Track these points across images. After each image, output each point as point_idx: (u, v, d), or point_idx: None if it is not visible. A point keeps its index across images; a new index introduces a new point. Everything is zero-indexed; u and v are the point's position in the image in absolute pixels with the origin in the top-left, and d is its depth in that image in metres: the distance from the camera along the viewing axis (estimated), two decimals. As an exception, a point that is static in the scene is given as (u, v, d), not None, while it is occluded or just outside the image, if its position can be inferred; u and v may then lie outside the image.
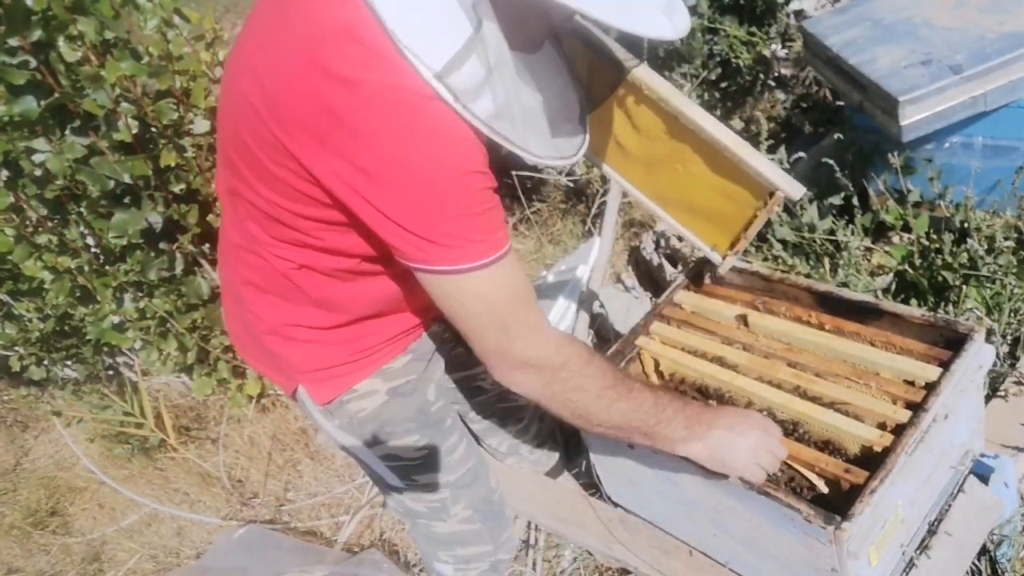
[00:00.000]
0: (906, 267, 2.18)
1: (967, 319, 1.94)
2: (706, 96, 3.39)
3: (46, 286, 2.41)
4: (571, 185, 3.21)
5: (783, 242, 2.37)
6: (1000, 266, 2.00)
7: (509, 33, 1.02)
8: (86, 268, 2.37)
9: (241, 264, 1.32)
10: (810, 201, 2.38)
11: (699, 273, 1.76)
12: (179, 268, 2.43)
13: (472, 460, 1.58)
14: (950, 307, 2.01)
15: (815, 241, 2.30)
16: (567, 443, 2.06)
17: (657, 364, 1.68)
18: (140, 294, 2.46)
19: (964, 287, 2.02)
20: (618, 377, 1.25)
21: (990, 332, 1.90)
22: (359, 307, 1.32)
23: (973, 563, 1.57)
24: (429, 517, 1.57)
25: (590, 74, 1.43)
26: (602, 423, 1.25)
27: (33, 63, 2.05)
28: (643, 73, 1.46)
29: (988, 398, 1.81)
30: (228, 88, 1.15)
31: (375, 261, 1.24)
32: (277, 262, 1.24)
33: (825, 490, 1.35)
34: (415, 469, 1.50)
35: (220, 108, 1.20)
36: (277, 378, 1.45)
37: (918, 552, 1.48)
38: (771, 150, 2.43)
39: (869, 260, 2.30)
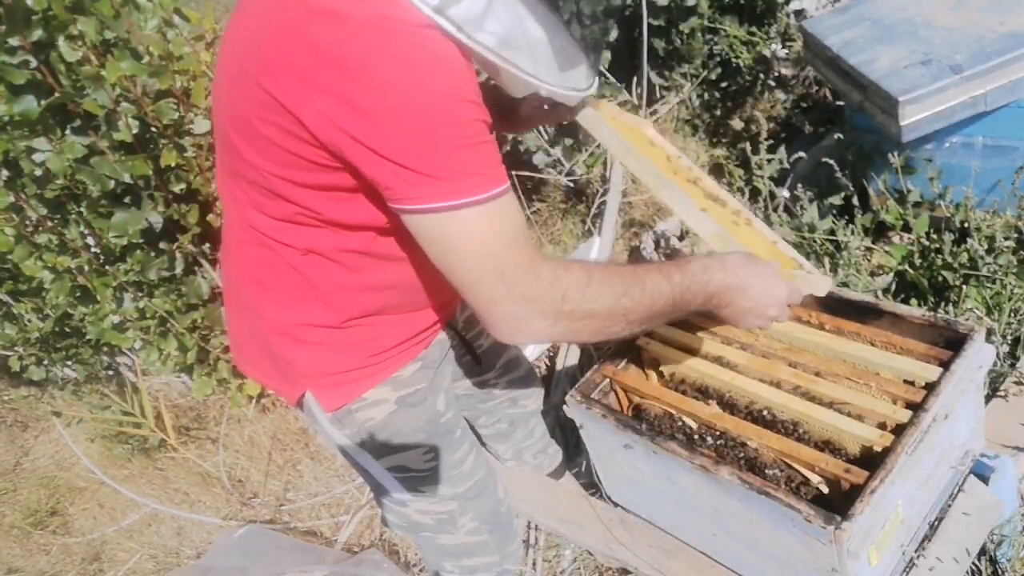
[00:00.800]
0: (906, 267, 2.18)
1: (967, 319, 1.94)
2: (706, 96, 3.40)
3: (46, 286, 2.40)
4: (571, 185, 3.21)
5: (783, 241, 2.36)
6: (1000, 266, 2.00)
7: None
8: (86, 268, 2.37)
9: (245, 259, 1.30)
10: (810, 201, 2.38)
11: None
12: (179, 268, 2.43)
13: (481, 472, 1.55)
14: (950, 307, 2.01)
15: (815, 241, 2.30)
16: (567, 443, 2.06)
17: (657, 364, 1.68)
18: (140, 294, 2.46)
19: (964, 287, 2.02)
20: (624, 278, 1.15)
21: (990, 332, 1.90)
22: (368, 299, 1.29)
23: (973, 563, 1.57)
24: (435, 530, 1.54)
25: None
26: (625, 330, 1.17)
27: (33, 63, 2.05)
28: (587, 120, 1.41)
29: (988, 398, 1.81)
30: (222, 64, 1.12)
31: (381, 234, 1.19)
32: (282, 250, 1.22)
33: (825, 490, 1.35)
34: (423, 481, 1.47)
35: (215, 89, 1.16)
36: (281, 386, 1.40)
37: (918, 552, 1.48)
38: (771, 150, 2.43)
39: (869, 260, 2.30)
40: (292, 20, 0.96)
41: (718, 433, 1.51)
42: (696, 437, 1.55)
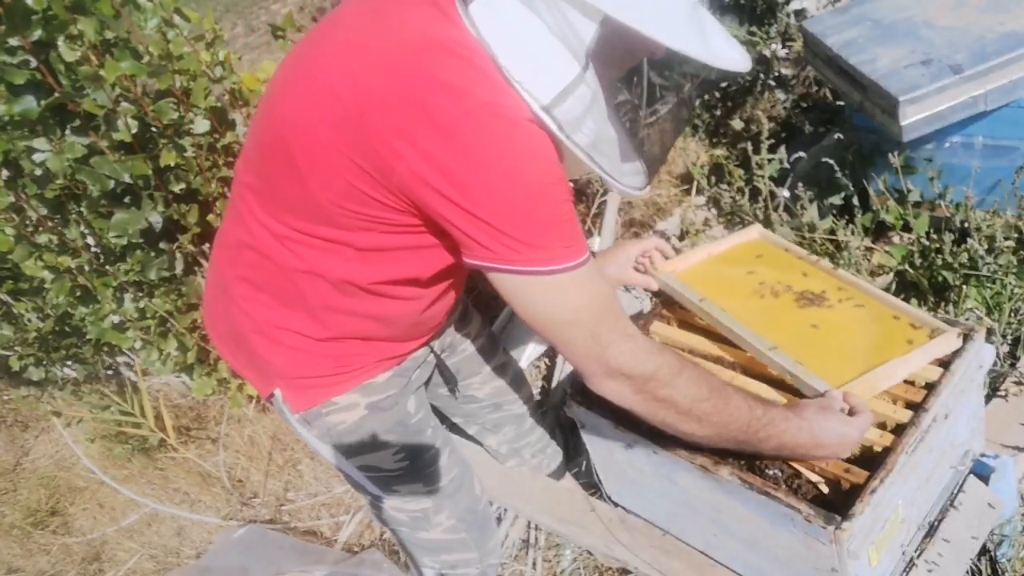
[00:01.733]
0: (906, 267, 2.18)
1: (967, 319, 1.94)
2: (706, 96, 3.39)
3: (46, 286, 2.40)
4: (571, 185, 3.20)
5: (783, 242, 2.37)
6: (1000, 266, 2.00)
7: (601, 69, 1.08)
8: (86, 268, 2.36)
9: (241, 261, 1.31)
10: (810, 201, 2.38)
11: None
12: (179, 268, 2.43)
13: (455, 470, 1.57)
14: (950, 307, 2.01)
15: (815, 241, 2.30)
16: (567, 443, 2.06)
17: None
18: (140, 294, 2.46)
19: (964, 287, 2.02)
20: (713, 388, 1.25)
21: (990, 332, 1.90)
22: (357, 324, 1.32)
23: (973, 563, 1.57)
24: (411, 527, 1.56)
25: None
26: (695, 432, 1.26)
27: (33, 63, 2.04)
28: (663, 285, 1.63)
29: (988, 398, 1.81)
30: (306, 78, 1.15)
31: (397, 281, 1.26)
32: (286, 262, 1.24)
33: (825, 490, 1.35)
34: (395, 480, 1.50)
35: (282, 96, 1.19)
36: (251, 377, 1.44)
37: (918, 552, 1.48)
38: (771, 150, 2.43)
39: (869, 260, 2.30)
40: (412, 81, 1.02)
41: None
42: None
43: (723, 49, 1.09)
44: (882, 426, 1.38)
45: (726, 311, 1.53)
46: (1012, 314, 1.99)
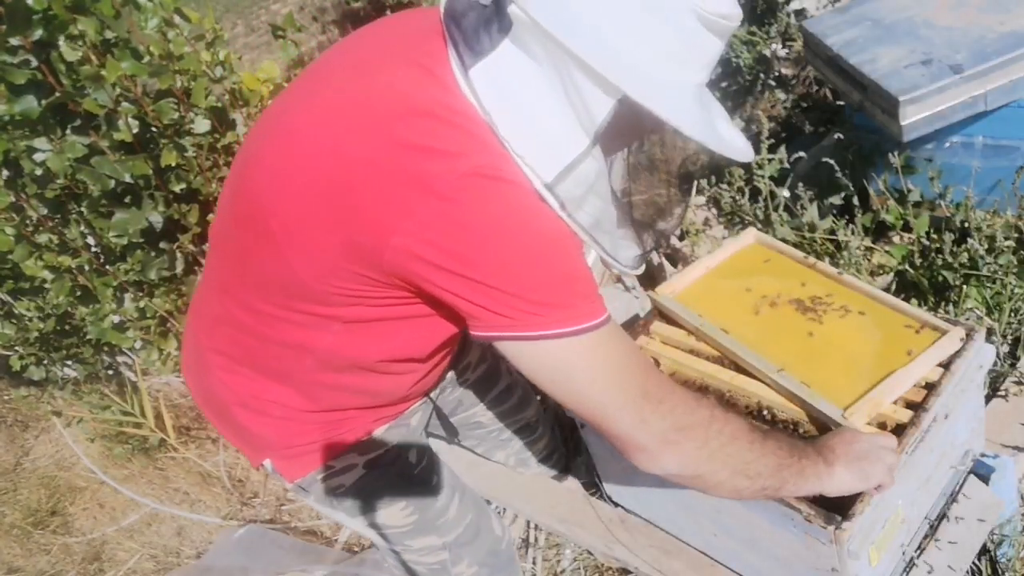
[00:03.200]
0: (906, 267, 2.18)
1: (967, 319, 1.94)
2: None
3: (46, 285, 2.40)
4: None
5: (783, 241, 2.37)
6: (1000, 266, 2.00)
7: (606, 145, 1.02)
8: (86, 267, 2.36)
9: (217, 334, 1.23)
10: (810, 201, 2.38)
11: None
12: (179, 268, 2.43)
13: (469, 515, 1.49)
14: (950, 307, 2.01)
15: (815, 241, 2.30)
16: (567, 443, 2.06)
17: (657, 364, 1.68)
18: (140, 294, 2.46)
19: (964, 287, 2.02)
20: (755, 437, 1.14)
21: (990, 332, 1.90)
22: (346, 397, 1.25)
23: (973, 563, 1.57)
24: None
25: None
26: (760, 472, 1.12)
27: (34, 62, 2.04)
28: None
29: (988, 398, 1.81)
30: (286, 142, 1.06)
31: (384, 360, 1.18)
32: (270, 336, 1.16)
33: None
34: (407, 536, 1.42)
35: (257, 159, 1.10)
36: (240, 445, 1.35)
37: (918, 552, 1.48)
38: (772, 149, 2.43)
39: (869, 260, 2.30)
40: (398, 149, 0.94)
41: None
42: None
43: (730, 136, 1.03)
44: (882, 426, 1.38)
45: (729, 332, 1.53)
46: (1012, 314, 1.99)
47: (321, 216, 0.99)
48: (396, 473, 1.38)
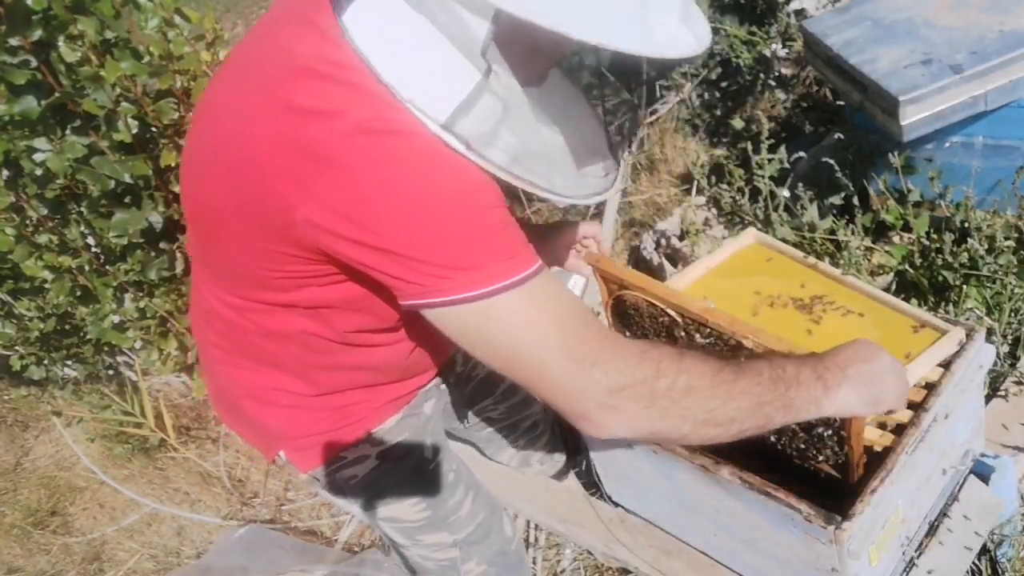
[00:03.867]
0: (906, 267, 2.18)
1: (967, 319, 1.94)
2: (706, 96, 3.39)
3: (46, 285, 2.40)
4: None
5: (783, 241, 2.37)
6: (1000, 266, 2.00)
7: (517, 71, 0.93)
8: (86, 267, 2.37)
9: (210, 328, 1.22)
10: (810, 201, 2.38)
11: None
12: (179, 268, 2.43)
13: (482, 514, 1.48)
14: (950, 307, 2.01)
15: (815, 241, 2.30)
16: (567, 443, 2.06)
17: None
18: (140, 294, 2.46)
19: (964, 287, 2.02)
20: (718, 359, 1.03)
21: (990, 332, 1.90)
22: (342, 379, 1.23)
23: (973, 563, 1.57)
24: (441, 575, 1.49)
25: None
26: (733, 417, 1.01)
27: (34, 63, 2.04)
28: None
29: (988, 398, 1.81)
30: (202, 131, 1.05)
31: (359, 332, 1.14)
32: (249, 327, 1.15)
33: (836, 474, 1.34)
34: (419, 531, 1.41)
35: (188, 172, 1.09)
36: (256, 442, 1.34)
37: (918, 552, 1.48)
38: (772, 150, 2.43)
39: (869, 260, 2.30)
40: (275, 116, 0.90)
41: (708, 331, 1.36)
42: (683, 334, 1.40)
43: (663, 31, 0.88)
44: (882, 426, 1.38)
45: None
46: (1012, 314, 1.99)
47: (240, 200, 0.96)
48: (410, 468, 1.37)
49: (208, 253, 1.12)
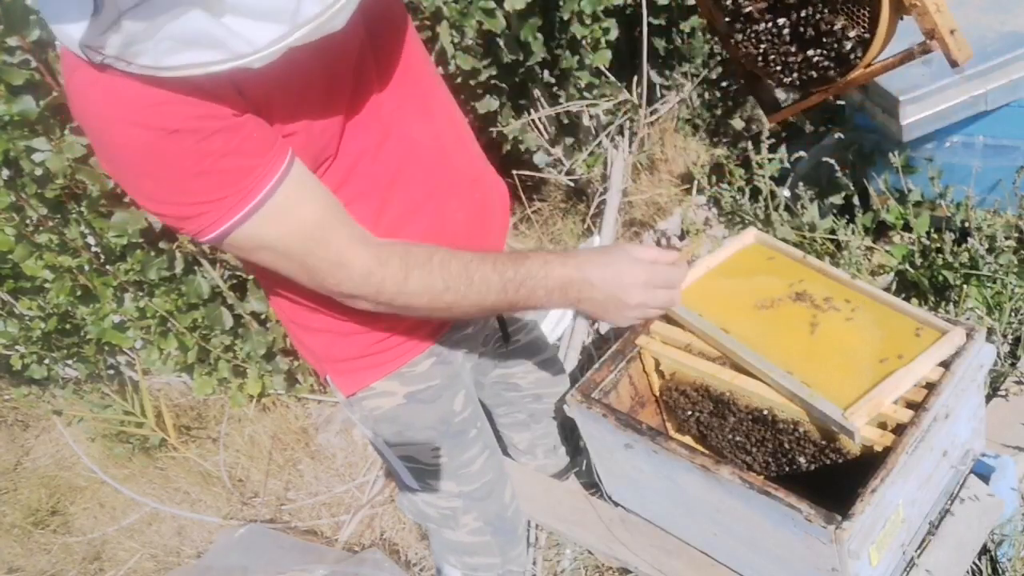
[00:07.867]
0: (907, 266, 2.18)
1: (968, 318, 1.94)
2: (707, 95, 3.39)
3: (47, 285, 2.41)
4: (571, 184, 3.21)
5: (784, 241, 2.37)
6: (1001, 265, 2.00)
7: None
8: (87, 267, 2.37)
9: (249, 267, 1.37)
10: (811, 200, 2.38)
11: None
12: (179, 267, 2.43)
13: (489, 474, 1.56)
14: (951, 306, 2.01)
15: (816, 240, 2.30)
16: (566, 442, 2.06)
17: (658, 364, 1.68)
18: (140, 293, 2.46)
19: (965, 286, 2.02)
20: (449, 273, 1.13)
21: (991, 331, 1.90)
22: (354, 314, 1.23)
23: (973, 563, 1.57)
24: (439, 523, 1.57)
25: None
26: (455, 315, 1.22)
27: (32, 62, 2.05)
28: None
29: (988, 398, 1.81)
30: None
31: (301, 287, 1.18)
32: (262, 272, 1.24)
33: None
34: (430, 474, 1.49)
35: None
36: (311, 362, 1.45)
37: (918, 552, 1.48)
38: (772, 149, 2.43)
39: (870, 259, 2.30)
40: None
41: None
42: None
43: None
44: (882, 426, 1.38)
45: (729, 332, 1.53)
46: (1012, 314, 1.99)
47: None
48: (436, 415, 1.43)
49: None
